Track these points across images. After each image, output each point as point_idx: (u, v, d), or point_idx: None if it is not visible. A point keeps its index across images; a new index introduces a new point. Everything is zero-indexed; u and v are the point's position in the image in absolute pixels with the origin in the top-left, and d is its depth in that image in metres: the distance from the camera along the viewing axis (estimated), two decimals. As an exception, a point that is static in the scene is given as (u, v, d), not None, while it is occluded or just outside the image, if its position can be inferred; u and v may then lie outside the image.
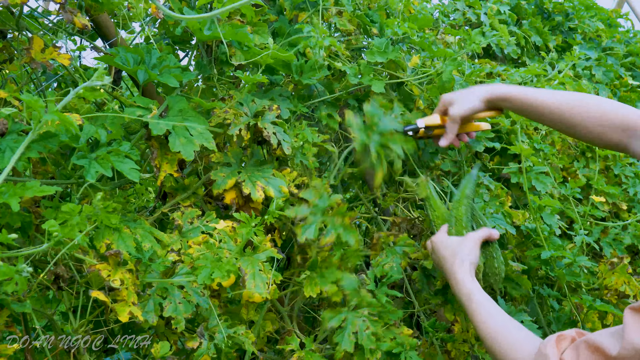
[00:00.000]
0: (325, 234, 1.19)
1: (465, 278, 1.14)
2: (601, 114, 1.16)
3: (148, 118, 1.06)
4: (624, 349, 0.80)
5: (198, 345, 1.02)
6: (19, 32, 1.17)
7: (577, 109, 1.18)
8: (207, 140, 1.11)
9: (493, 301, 1.11)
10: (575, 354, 0.88)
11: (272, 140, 1.18)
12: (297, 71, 1.28)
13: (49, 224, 0.87)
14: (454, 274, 1.16)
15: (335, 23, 1.40)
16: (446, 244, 1.22)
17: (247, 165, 1.22)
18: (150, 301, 1.00)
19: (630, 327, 0.81)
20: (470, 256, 1.18)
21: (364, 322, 1.19)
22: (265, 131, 1.18)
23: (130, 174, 1.00)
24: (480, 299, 1.10)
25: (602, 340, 0.85)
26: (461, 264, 1.16)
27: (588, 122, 1.17)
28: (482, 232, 1.22)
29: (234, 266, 0.99)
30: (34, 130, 0.90)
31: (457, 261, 1.17)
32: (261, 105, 1.22)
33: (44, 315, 1.05)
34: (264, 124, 1.19)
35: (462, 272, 1.15)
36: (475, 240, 1.20)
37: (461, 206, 1.26)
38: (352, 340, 1.16)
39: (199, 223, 1.13)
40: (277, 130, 1.20)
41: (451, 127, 1.28)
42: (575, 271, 1.51)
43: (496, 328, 1.05)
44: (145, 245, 1.03)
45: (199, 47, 1.28)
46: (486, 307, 1.09)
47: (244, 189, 1.14)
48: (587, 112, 1.17)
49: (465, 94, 1.27)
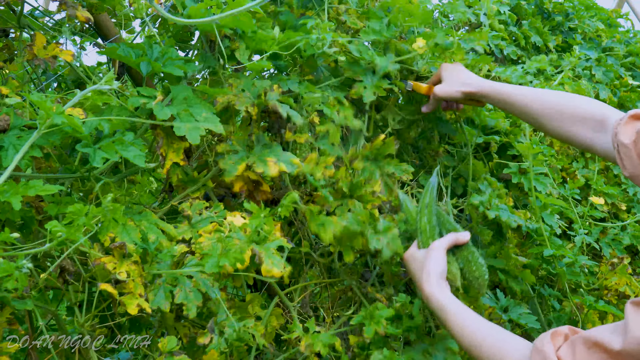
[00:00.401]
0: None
1: (433, 291, 1.10)
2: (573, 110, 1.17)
3: (153, 104, 1.05)
4: (628, 344, 0.80)
5: (209, 341, 1.01)
6: (20, 30, 1.17)
7: (551, 104, 1.20)
8: (214, 124, 1.08)
9: (468, 309, 1.07)
10: (571, 350, 0.87)
11: (281, 111, 1.15)
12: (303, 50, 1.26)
13: (52, 224, 0.86)
14: (423, 289, 1.12)
15: (344, 21, 1.39)
16: (414, 258, 1.18)
17: (254, 149, 1.19)
18: (161, 289, 0.99)
19: (633, 322, 0.81)
20: (436, 267, 1.12)
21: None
22: (271, 103, 1.15)
23: (135, 160, 0.99)
24: (453, 308, 1.06)
25: (601, 336, 0.84)
26: (427, 277, 1.12)
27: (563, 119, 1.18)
28: (447, 239, 1.17)
29: (242, 255, 0.98)
30: (40, 130, 0.90)
31: (424, 275, 1.12)
32: (261, 87, 1.19)
33: (48, 312, 1.04)
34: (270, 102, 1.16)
35: (429, 285, 1.10)
36: (439, 248, 1.15)
37: (423, 217, 1.21)
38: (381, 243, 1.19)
39: (208, 213, 1.12)
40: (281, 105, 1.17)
41: (432, 101, 1.36)
42: (576, 271, 1.51)
43: (478, 335, 1.01)
44: (150, 236, 1.02)
45: (202, 42, 1.27)
46: (461, 314, 1.05)
47: (257, 169, 1.12)
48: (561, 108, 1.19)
49: (456, 77, 1.31)
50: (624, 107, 2.32)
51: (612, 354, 0.82)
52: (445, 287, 1.11)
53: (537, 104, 1.22)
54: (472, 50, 1.59)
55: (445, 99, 1.33)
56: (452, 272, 1.17)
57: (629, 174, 1.04)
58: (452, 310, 1.06)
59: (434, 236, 1.20)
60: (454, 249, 1.20)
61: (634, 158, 1.02)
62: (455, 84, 1.30)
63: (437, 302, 1.08)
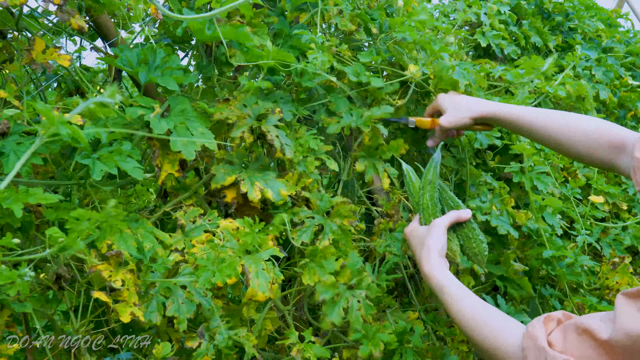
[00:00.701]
0: (321, 238, 1.21)
1: (433, 270, 1.11)
2: (586, 135, 1.18)
3: (150, 117, 1.06)
4: (615, 334, 0.80)
5: (197, 345, 1.02)
6: (18, 32, 1.17)
7: (563, 129, 1.20)
8: (209, 141, 1.10)
9: (467, 290, 1.08)
10: (562, 336, 0.87)
11: (276, 144, 1.18)
12: (298, 74, 1.28)
13: (52, 230, 0.86)
14: (422, 267, 1.13)
15: (336, 24, 1.39)
16: (415, 234, 1.19)
17: (250, 167, 1.22)
18: (154, 301, 1.00)
19: (622, 313, 0.81)
20: (437, 244, 1.14)
21: (358, 303, 1.19)
22: (269, 134, 1.18)
23: (134, 172, 1.00)
24: (453, 290, 1.07)
25: (591, 323, 0.84)
26: (427, 255, 1.13)
27: (575, 142, 1.19)
28: (449, 217, 1.18)
29: (235, 270, 0.99)
30: (42, 138, 0.90)
31: (424, 252, 1.14)
32: (264, 107, 1.22)
33: (45, 315, 1.04)
34: (267, 126, 1.19)
35: (429, 264, 1.12)
36: (440, 226, 1.16)
37: (425, 194, 1.23)
38: (341, 315, 1.16)
39: (202, 221, 1.13)
40: (280, 134, 1.21)
41: (439, 134, 1.34)
42: (577, 271, 1.51)
43: (475, 317, 1.02)
44: (146, 245, 1.02)
45: (199, 48, 1.27)
46: (460, 296, 1.06)
47: (242, 187, 1.15)
48: (573, 132, 1.19)
49: (458, 105, 1.30)
50: (624, 107, 2.31)
51: (600, 342, 0.82)
52: (444, 266, 1.12)
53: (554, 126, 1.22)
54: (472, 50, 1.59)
55: (455, 128, 1.31)
56: (452, 249, 1.19)
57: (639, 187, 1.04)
58: (451, 291, 1.07)
59: (436, 213, 1.22)
60: (455, 226, 1.21)
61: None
62: (462, 111, 1.29)
63: (436, 281, 1.10)
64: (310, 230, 1.20)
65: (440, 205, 1.24)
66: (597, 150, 1.17)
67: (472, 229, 1.21)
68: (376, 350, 1.17)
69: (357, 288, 1.21)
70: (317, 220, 1.23)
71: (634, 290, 0.83)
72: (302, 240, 1.19)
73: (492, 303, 1.43)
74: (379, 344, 1.18)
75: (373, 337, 1.19)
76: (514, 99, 1.70)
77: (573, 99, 1.96)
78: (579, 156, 1.20)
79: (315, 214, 1.23)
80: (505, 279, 1.48)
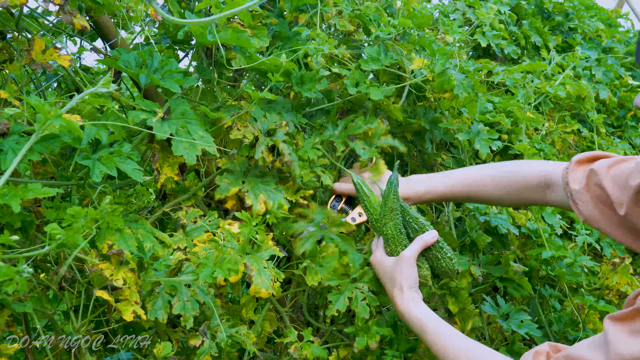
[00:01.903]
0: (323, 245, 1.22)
1: (409, 309, 1.10)
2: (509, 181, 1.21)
3: (152, 122, 1.06)
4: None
5: (200, 344, 1.02)
6: (18, 33, 1.17)
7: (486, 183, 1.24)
8: (209, 145, 1.10)
9: (445, 325, 1.08)
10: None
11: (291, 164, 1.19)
12: (298, 82, 1.28)
13: (51, 227, 0.86)
14: (396, 305, 1.13)
15: (335, 24, 1.39)
16: (383, 268, 1.17)
17: (250, 175, 1.22)
18: (159, 299, 1.00)
19: (614, 339, 0.81)
20: (409, 280, 1.13)
21: (362, 294, 1.19)
22: (286, 155, 1.18)
23: (133, 174, 1.00)
24: (432, 329, 1.07)
25: (583, 355, 0.84)
26: (400, 293, 1.12)
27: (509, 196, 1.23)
28: (416, 247, 1.16)
29: (236, 265, 0.99)
30: (37, 133, 0.90)
31: (396, 290, 1.13)
32: (272, 121, 1.22)
33: (45, 315, 1.05)
34: (283, 145, 1.19)
35: (403, 302, 1.11)
36: (409, 259, 1.14)
37: (388, 222, 1.18)
38: (346, 303, 1.17)
39: (203, 222, 1.13)
40: (289, 149, 1.20)
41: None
42: (576, 271, 1.51)
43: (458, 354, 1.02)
44: (146, 245, 1.03)
45: (199, 51, 1.28)
46: (441, 334, 1.06)
47: (247, 200, 1.15)
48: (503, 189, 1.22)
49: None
50: (624, 107, 2.32)
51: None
52: (418, 300, 1.12)
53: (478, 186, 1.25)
54: (472, 50, 1.60)
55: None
56: (423, 275, 1.18)
57: (584, 218, 1.06)
58: (431, 329, 1.07)
59: (402, 241, 1.18)
60: (424, 250, 1.19)
61: (587, 202, 1.05)
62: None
63: (413, 319, 1.10)
64: (311, 239, 1.21)
65: (405, 231, 1.20)
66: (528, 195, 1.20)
67: (439, 248, 1.19)
68: (372, 342, 1.18)
69: (359, 281, 1.21)
70: (316, 232, 1.23)
71: (620, 313, 0.83)
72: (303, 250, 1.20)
73: (493, 303, 1.43)
74: (375, 336, 1.18)
75: (369, 330, 1.19)
76: (514, 99, 1.70)
77: (573, 99, 1.96)
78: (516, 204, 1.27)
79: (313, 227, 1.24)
80: (505, 280, 1.48)
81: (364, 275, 1.22)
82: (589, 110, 1.96)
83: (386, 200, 1.18)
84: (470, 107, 1.51)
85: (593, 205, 1.03)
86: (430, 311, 1.11)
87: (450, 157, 1.59)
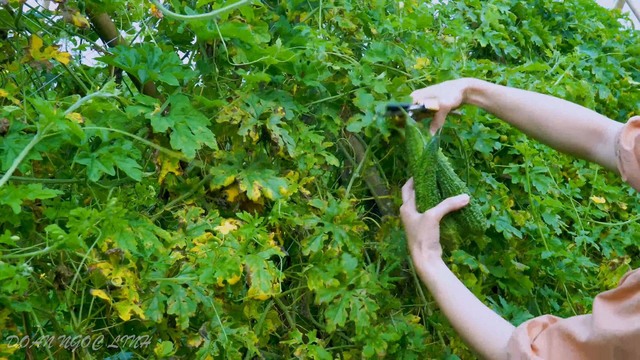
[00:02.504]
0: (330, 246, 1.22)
1: (424, 266, 1.13)
2: (565, 119, 1.20)
3: (150, 115, 1.06)
4: (593, 336, 0.81)
5: (200, 344, 1.02)
6: (18, 32, 1.17)
7: (547, 107, 1.22)
8: (208, 139, 1.10)
9: (459, 285, 1.09)
10: (547, 340, 0.88)
11: (280, 143, 1.19)
12: (299, 72, 1.28)
13: (52, 227, 0.86)
14: (414, 261, 1.15)
15: (337, 22, 1.39)
16: (410, 222, 1.19)
17: (249, 166, 1.22)
18: (155, 299, 1.00)
19: (599, 315, 0.82)
20: (428, 238, 1.14)
21: (360, 301, 1.19)
22: (273, 133, 1.18)
23: (132, 172, 1.00)
24: (444, 287, 1.09)
25: (572, 327, 0.85)
26: (419, 250, 1.14)
27: (556, 123, 1.21)
28: (441, 209, 1.16)
29: (236, 266, 0.99)
30: (40, 134, 0.90)
31: (415, 247, 1.15)
32: (267, 106, 1.22)
33: (45, 315, 1.04)
34: (271, 125, 1.19)
35: (420, 259, 1.13)
36: (432, 219, 1.15)
37: (421, 182, 1.18)
38: (344, 316, 1.16)
39: (203, 220, 1.13)
40: (283, 132, 1.21)
41: (440, 117, 1.32)
42: (575, 271, 1.51)
43: (467, 319, 1.04)
44: (147, 243, 1.02)
45: (200, 47, 1.27)
46: (452, 294, 1.08)
47: (241, 187, 1.15)
48: (556, 112, 1.21)
49: (449, 86, 1.30)
50: (624, 107, 2.31)
51: (579, 345, 0.83)
52: (435, 259, 1.14)
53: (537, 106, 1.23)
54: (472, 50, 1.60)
55: (454, 106, 1.30)
56: (447, 234, 1.19)
57: (627, 177, 1.07)
58: (443, 289, 1.09)
59: (433, 202, 1.18)
60: (453, 212, 1.18)
61: (632, 162, 1.06)
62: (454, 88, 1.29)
63: (427, 277, 1.12)
64: (319, 238, 1.21)
65: (439, 192, 1.20)
66: (574, 136, 1.18)
67: (469, 212, 1.18)
68: (380, 350, 1.17)
69: (357, 287, 1.21)
70: (327, 227, 1.24)
71: (610, 292, 0.84)
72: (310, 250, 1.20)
73: (495, 304, 1.43)
74: (382, 344, 1.18)
75: (376, 337, 1.19)
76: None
77: (573, 99, 1.96)
78: (555, 141, 1.22)
79: (324, 221, 1.24)
80: (506, 280, 1.48)
81: (360, 281, 1.22)
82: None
83: (422, 161, 1.19)
84: (469, 107, 1.51)
85: (638, 167, 1.05)
86: (444, 271, 1.12)
87: (450, 157, 1.59)
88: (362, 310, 1.18)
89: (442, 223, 1.18)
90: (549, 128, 1.22)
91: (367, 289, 1.21)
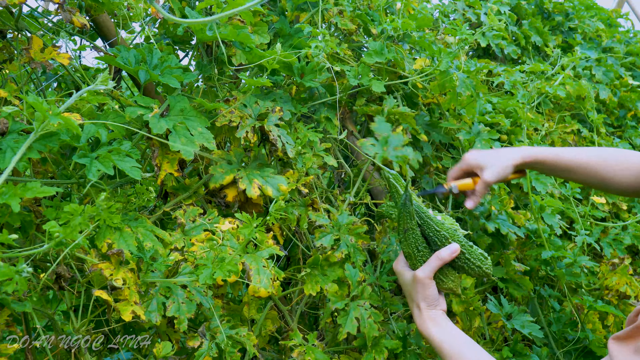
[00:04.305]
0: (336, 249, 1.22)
1: (427, 329, 1.08)
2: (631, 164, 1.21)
3: (149, 117, 1.06)
4: None
5: (199, 345, 1.02)
6: (18, 32, 1.17)
7: (609, 161, 1.23)
8: (207, 140, 1.10)
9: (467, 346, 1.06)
10: None
11: (278, 144, 1.19)
12: (299, 73, 1.28)
13: (50, 224, 0.86)
14: (417, 325, 1.11)
15: (336, 23, 1.39)
16: (403, 281, 1.14)
17: (249, 166, 1.22)
18: (154, 300, 1.00)
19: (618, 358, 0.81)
20: (426, 300, 1.09)
21: (367, 311, 1.19)
22: (271, 134, 1.18)
23: (131, 172, 0.99)
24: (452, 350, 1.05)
25: None
26: (419, 312, 1.10)
27: (620, 174, 1.22)
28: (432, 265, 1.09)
29: (236, 266, 0.99)
30: (36, 131, 0.90)
31: (415, 309, 1.11)
32: (264, 107, 1.22)
33: (45, 315, 1.04)
34: (270, 126, 1.19)
35: (422, 322, 1.09)
36: (423, 279, 1.09)
37: (404, 241, 1.12)
38: (355, 325, 1.16)
39: (202, 220, 1.13)
40: (281, 132, 1.21)
41: (482, 191, 1.25)
42: (576, 271, 1.51)
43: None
44: (146, 244, 1.02)
45: (199, 48, 1.27)
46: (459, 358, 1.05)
47: (240, 185, 1.15)
48: (618, 164, 1.22)
49: (495, 158, 1.24)
50: (624, 107, 2.31)
51: None
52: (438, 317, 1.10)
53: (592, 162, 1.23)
54: (472, 50, 1.59)
55: (499, 181, 1.24)
56: (448, 287, 1.13)
57: None
58: (448, 352, 1.05)
59: (423, 257, 1.12)
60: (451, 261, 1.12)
61: None
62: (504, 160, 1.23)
63: (432, 341, 1.08)
64: (331, 236, 1.21)
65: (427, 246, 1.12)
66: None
67: (465, 260, 1.11)
68: (380, 358, 1.17)
69: (360, 298, 1.21)
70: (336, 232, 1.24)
71: (623, 333, 0.83)
72: (321, 244, 1.20)
73: (496, 303, 1.43)
74: (383, 351, 1.17)
75: (377, 344, 1.18)
76: (514, 100, 1.70)
77: (573, 99, 1.96)
78: (626, 190, 1.22)
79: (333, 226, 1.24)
80: (506, 280, 1.49)
81: (363, 292, 1.22)
82: (589, 110, 1.96)
83: (399, 220, 1.12)
84: (469, 107, 1.51)
85: None
86: (448, 331, 1.08)
87: (450, 158, 1.59)
88: (370, 319, 1.18)
89: (439, 277, 1.12)
90: (613, 181, 1.23)
91: (370, 300, 1.21)
